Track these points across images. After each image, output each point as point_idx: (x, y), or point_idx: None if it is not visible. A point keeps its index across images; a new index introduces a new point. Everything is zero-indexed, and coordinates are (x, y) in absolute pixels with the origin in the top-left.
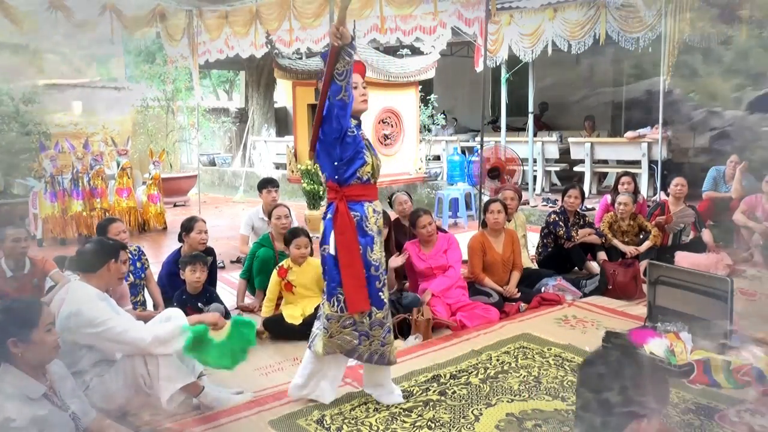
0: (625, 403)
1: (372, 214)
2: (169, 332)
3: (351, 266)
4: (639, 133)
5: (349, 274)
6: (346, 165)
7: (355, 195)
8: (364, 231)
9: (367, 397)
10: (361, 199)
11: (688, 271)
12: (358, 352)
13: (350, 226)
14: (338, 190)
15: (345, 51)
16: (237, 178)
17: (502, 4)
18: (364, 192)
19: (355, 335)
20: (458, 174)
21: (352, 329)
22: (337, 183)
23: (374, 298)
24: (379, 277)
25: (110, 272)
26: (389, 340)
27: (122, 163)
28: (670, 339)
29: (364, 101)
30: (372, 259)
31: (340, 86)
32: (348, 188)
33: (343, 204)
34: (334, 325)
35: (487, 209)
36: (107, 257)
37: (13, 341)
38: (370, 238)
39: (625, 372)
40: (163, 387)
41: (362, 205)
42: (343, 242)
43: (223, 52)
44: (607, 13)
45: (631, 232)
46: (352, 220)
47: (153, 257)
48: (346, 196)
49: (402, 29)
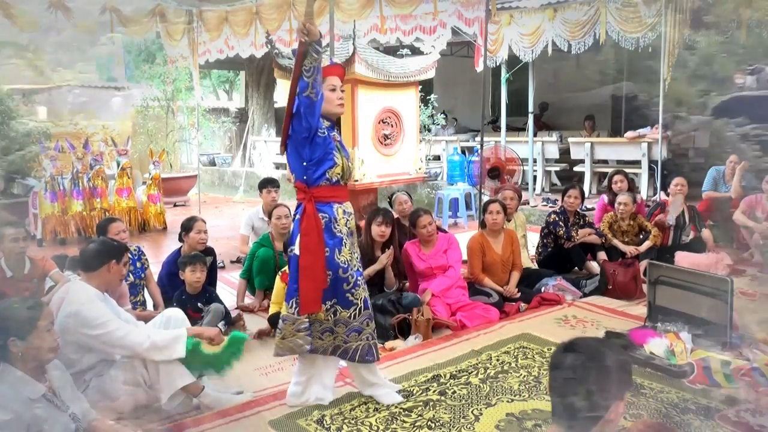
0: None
1: (342, 215)
2: (166, 340)
3: (310, 268)
4: (639, 133)
5: (306, 275)
6: (315, 166)
7: (324, 196)
8: (333, 233)
9: (367, 398)
10: (331, 200)
11: (688, 271)
12: (323, 347)
13: (316, 227)
14: (306, 191)
15: (312, 48)
16: (237, 178)
17: (502, 4)
18: (333, 193)
19: (307, 340)
20: (458, 174)
21: (305, 333)
22: (306, 184)
23: (341, 298)
24: (347, 279)
25: (110, 273)
26: (353, 338)
27: (122, 163)
28: (670, 339)
29: (341, 105)
30: (340, 260)
31: (307, 83)
32: (317, 189)
33: (311, 205)
34: (289, 327)
35: (486, 210)
36: (109, 258)
37: (13, 341)
38: (338, 239)
39: (593, 362)
40: (164, 386)
41: (331, 207)
42: (307, 244)
43: (223, 52)
44: (607, 13)
45: (631, 232)
46: (319, 221)
47: (153, 257)
48: (315, 197)
49: (402, 29)
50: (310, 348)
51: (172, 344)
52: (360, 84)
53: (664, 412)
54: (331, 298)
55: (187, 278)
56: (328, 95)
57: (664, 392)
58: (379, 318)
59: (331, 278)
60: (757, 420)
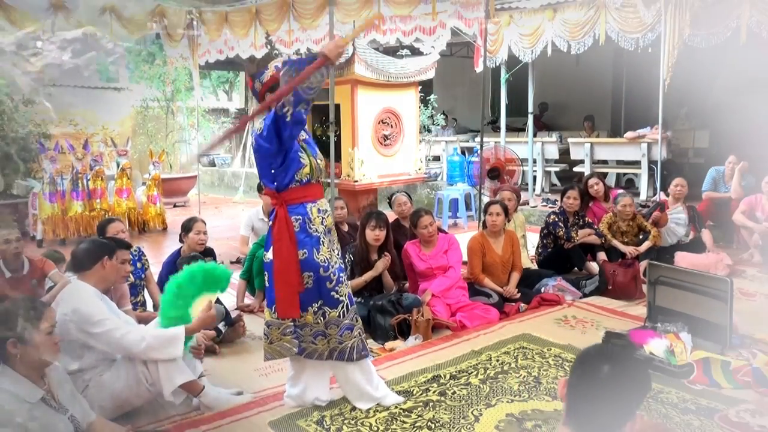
0: (619, 403)
1: (317, 214)
2: (163, 339)
3: (284, 273)
4: (639, 133)
5: (280, 280)
6: (283, 171)
7: (296, 198)
8: (308, 233)
9: None
10: (303, 200)
11: (688, 272)
12: (317, 351)
13: (287, 232)
14: (277, 196)
15: (329, 69)
16: (237, 178)
17: (501, 5)
18: (305, 193)
19: (294, 342)
20: (458, 174)
21: (292, 336)
22: (276, 189)
23: (326, 298)
24: (329, 278)
25: (105, 269)
26: (347, 336)
27: (122, 163)
28: (670, 339)
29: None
30: (319, 260)
31: (304, 99)
32: (287, 192)
33: (282, 210)
34: (275, 332)
35: (486, 211)
36: (100, 254)
37: (13, 342)
38: (315, 239)
39: (618, 371)
40: (164, 384)
41: (304, 207)
42: (278, 249)
43: (223, 53)
44: (606, 13)
45: (630, 233)
46: (290, 226)
47: (153, 258)
48: (286, 200)
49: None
50: (305, 353)
51: (170, 344)
52: (360, 84)
53: (664, 412)
54: (317, 299)
55: None
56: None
57: (664, 392)
58: (379, 318)
59: (313, 279)
60: (757, 420)
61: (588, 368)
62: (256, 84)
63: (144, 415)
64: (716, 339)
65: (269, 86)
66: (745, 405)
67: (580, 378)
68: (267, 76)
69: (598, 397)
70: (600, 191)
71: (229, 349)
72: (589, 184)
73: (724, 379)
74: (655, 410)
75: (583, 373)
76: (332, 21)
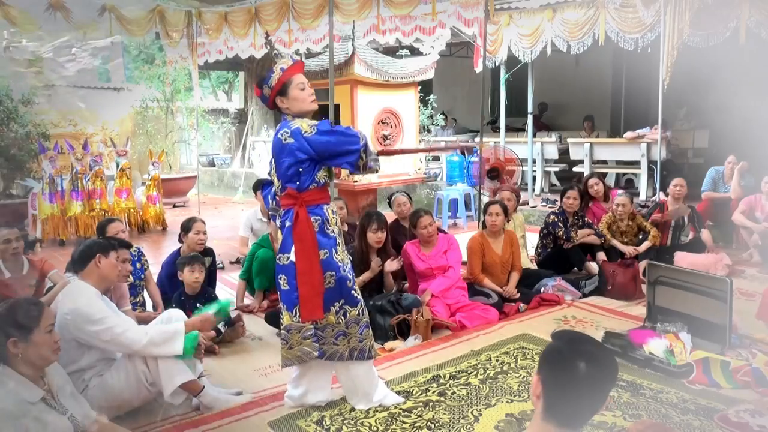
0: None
1: (332, 216)
2: (164, 336)
3: (308, 273)
4: (638, 133)
5: (305, 281)
6: (308, 172)
7: (315, 199)
8: (327, 234)
9: None
10: (320, 202)
11: (687, 272)
12: (339, 352)
13: (310, 233)
14: (297, 197)
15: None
16: (236, 178)
17: (501, 5)
18: (321, 195)
19: (315, 347)
20: (457, 174)
21: (312, 340)
22: (296, 189)
23: (347, 297)
24: (348, 277)
25: (100, 267)
26: (366, 335)
27: (121, 163)
28: (670, 339)
29: (313, 101)
30: (338, 260)
31: (375, 159)
32: (307, 193)
33: (303, 210)
34: (295, 336)
35: (486, 211)
36: (94, 252)
37: (14, 341)
38: (333, 239)
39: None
40: (164, 383)
41: (321, 208)
42: (303, 250)
43: (223, 53)
44: (606, 13)
45: (630, 233)
46: (311, 226)
47: (152, 258)
48: (306, 201)
49: (401, 30)
50: (326, 356)
51: (170, 340)
52: (359, 84)
53: (663, 412)
54: (339, 299)
55: (186, 279)
56: (299, 94)
57: (663, 392)
58: (379, 319)
59: (335, 278)
60: (757, 420)
61: (562, 366)
62: (265, 90)
63: (144, 415)
64: (716, 339)
65: (278, 90)
66: (745, 405)
67: (557, 377)
68: (275, 80)
69: (576, 391)
70: (600, 191)
71: (228, 349)
72: (589, 184)
73: (724, 379)
74: (655, 410)
75: (561, 372)
76: (332, 21)
